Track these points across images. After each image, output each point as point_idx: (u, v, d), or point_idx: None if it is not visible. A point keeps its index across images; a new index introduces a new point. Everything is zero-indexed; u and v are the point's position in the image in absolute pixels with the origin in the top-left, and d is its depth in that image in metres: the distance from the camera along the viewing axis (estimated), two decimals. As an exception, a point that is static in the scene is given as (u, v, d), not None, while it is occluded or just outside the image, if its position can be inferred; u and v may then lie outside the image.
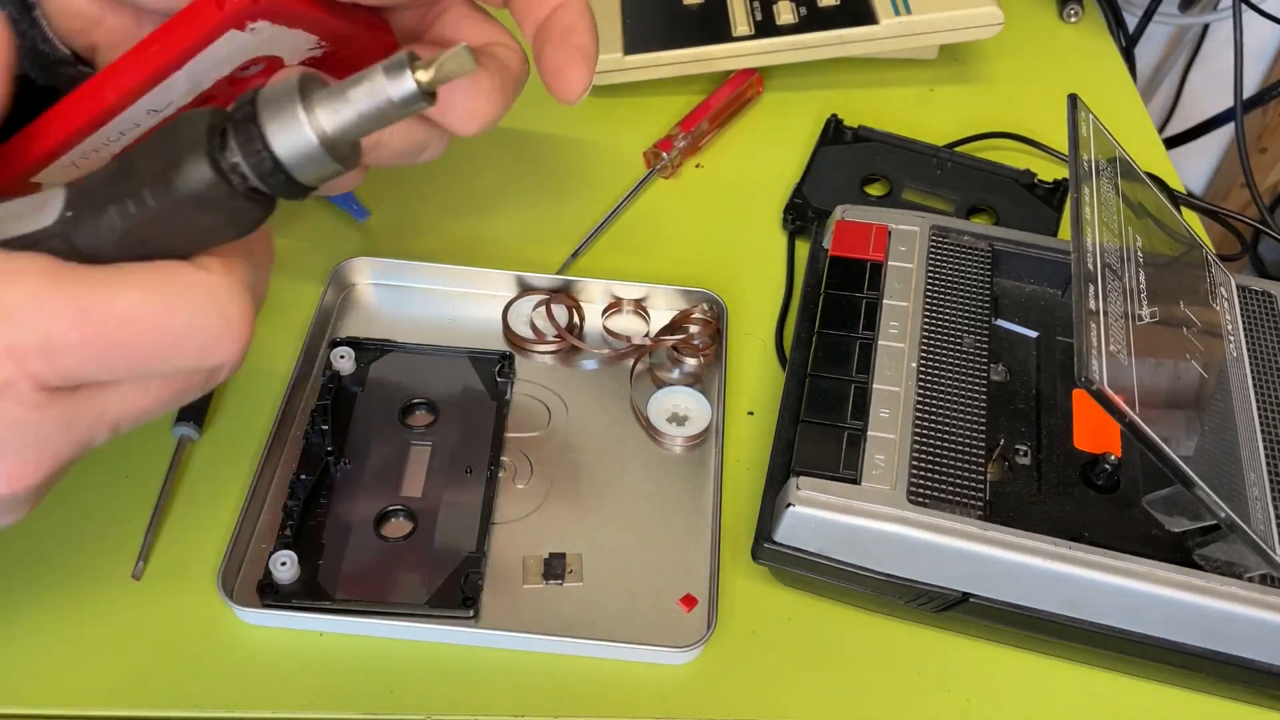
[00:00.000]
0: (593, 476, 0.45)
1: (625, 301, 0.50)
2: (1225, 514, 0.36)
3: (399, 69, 0.26)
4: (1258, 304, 0.47)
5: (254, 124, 0.25)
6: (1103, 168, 0.42)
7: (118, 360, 0.26)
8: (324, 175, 0.26)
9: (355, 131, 0.26)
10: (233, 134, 0.26)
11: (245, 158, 0.26)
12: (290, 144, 0.26)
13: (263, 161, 0.26)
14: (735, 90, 0.61)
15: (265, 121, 0.26)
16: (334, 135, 0.26)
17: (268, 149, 0.26)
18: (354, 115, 0.26)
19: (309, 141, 0.26)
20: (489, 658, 0.40)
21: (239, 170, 0.26)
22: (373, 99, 0.26)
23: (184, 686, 0.38)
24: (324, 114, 0.26)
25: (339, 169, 0.26)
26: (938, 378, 0.42)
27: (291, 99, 0.26)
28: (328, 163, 0.26)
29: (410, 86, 0.26)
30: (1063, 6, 0.71)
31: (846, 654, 0.41)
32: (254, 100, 0.26)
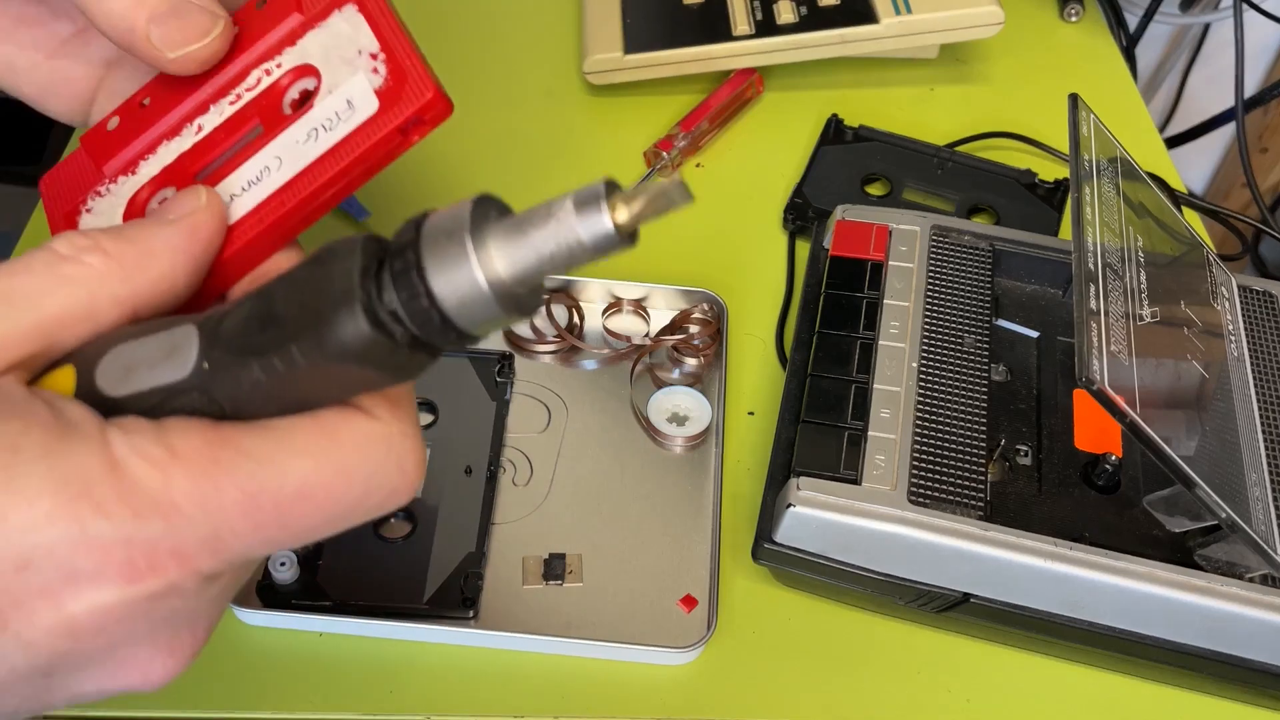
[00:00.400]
0: (592, 476, 0.45)
1: (625, 301, 0.50)
2: (1226, 514, 0.36)
3: (593, 203, 0.22)
4: (1258, 304, 0.47)
5: (417, 272, 0.22)
6: (1103, 167, 0.42)
7: (291, 537, 0.23)
8: (496, 324, 0.23)
9: (535, 277, 0.22)
10: (391, 283, 0.22)
11: (408, 312, 0.22)
12: (459, 295, 0.22)
13: (428, 318, 0.22)
14: (735, 90, 0.61)
15: (430, 267, 0.22)
16: (510, 282, 0.22)
17: (434, 302, 0.22)
18: (534, 258, 0.22)
19: (480, 292, 0.22)
20: (489, 658, 0.40)
21: (400, 320, 0.22)
22: (559, 239, 0.22)
23: (184, 686, 0.38)
24: (499, 255, 0.22)
25: (516, 318, 0.23)
26: (938, 378, 0.42)
27: (460, 238, 0.22)
28: (501, 313, 0.22)
29: (607, 227, 0.22)
30: (1063, 6, 0.71)
31: (846, 654, 0.41)
32: (417, 239, 0.22)
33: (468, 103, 0.61)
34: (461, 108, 0.64)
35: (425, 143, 0.35)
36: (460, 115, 0.63)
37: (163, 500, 0.21)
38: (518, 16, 0.66)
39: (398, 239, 0.23)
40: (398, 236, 0.23)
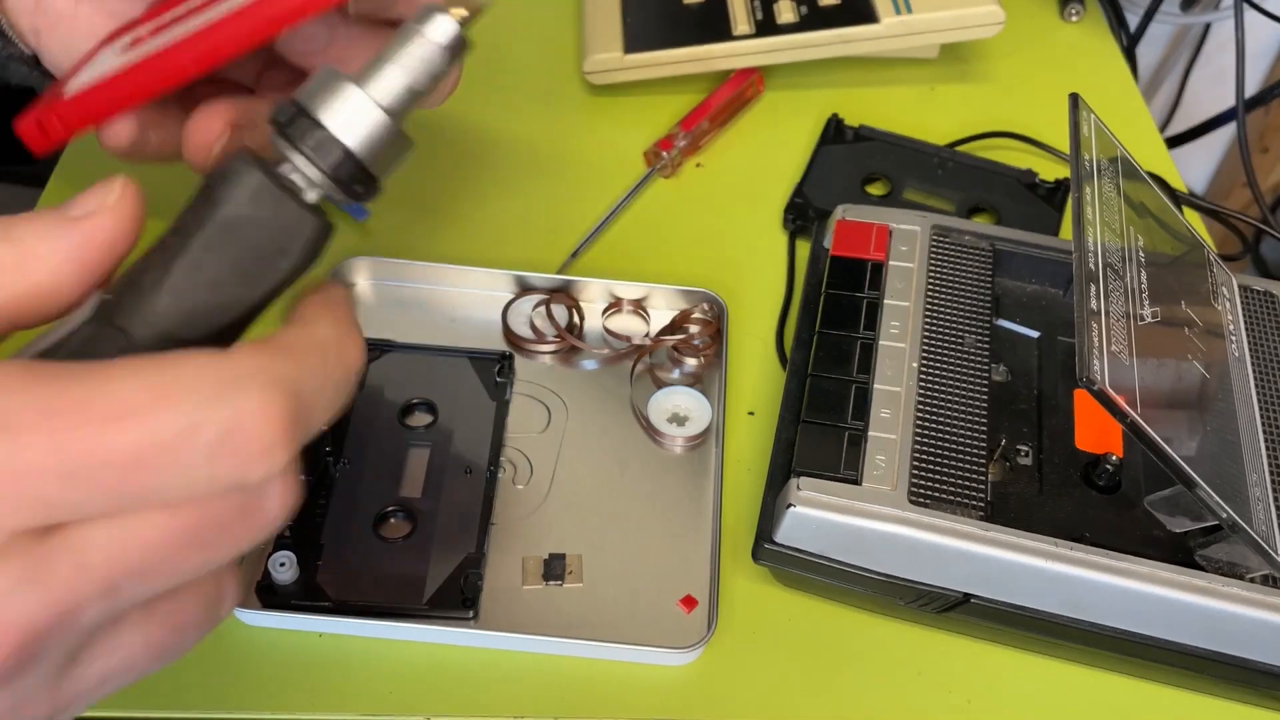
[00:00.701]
0: (593, 476, 0.45)
1: (625, 301, 0.50)
2: (1227, 514, 0.36)
3: (431, 14, 0.24)
4: (1259, 304, 0.46)
5: (306, 116, 0.23)
6: (1104, 167, 0.42)
7: (100, 480, 0.19)
8: (396, 155, 0.24)
9: (410, 95, 0.24)
10: (284, 136, 0.23)
11: (310, 150, 0.22)
12: (354, 124, 0.23)
13: (329, 151, 0.23)
14: (735, 90, 0.61)
15: (319, 110, 0.23)
16: (394, 105, 0.23)
17: (332, 137, 0.23)
18: (405, 77, 0.23)
19: (375, 116, 0.23)
20: (489, 658, 0.40)
21: (299, 171, 0.23)
22: (421, 52, 0.24)
23: (184, 686, 0.38)
24: (375, 86, 0.23)
25: (408, 145, 0.24)
26: (939, 378, 0.42)
27: (336, 79, 0.23)
28: (399, 138, 0.23)
29: (453, 27, 0.24)
30: (1064, 6, 0.71)
31: (846, 654, 0.41)
32: (294, 98, 0.23)
33: (467, 103, 0.61)
34: (461, 108, 0.64)
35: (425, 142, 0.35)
36: (460, 115, 0.64)
37: None
38: (517, 16, 0.66)
39: (277, 109, 0.24)
40: (276, 108, 0.24)
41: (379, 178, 0.24)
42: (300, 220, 0.23)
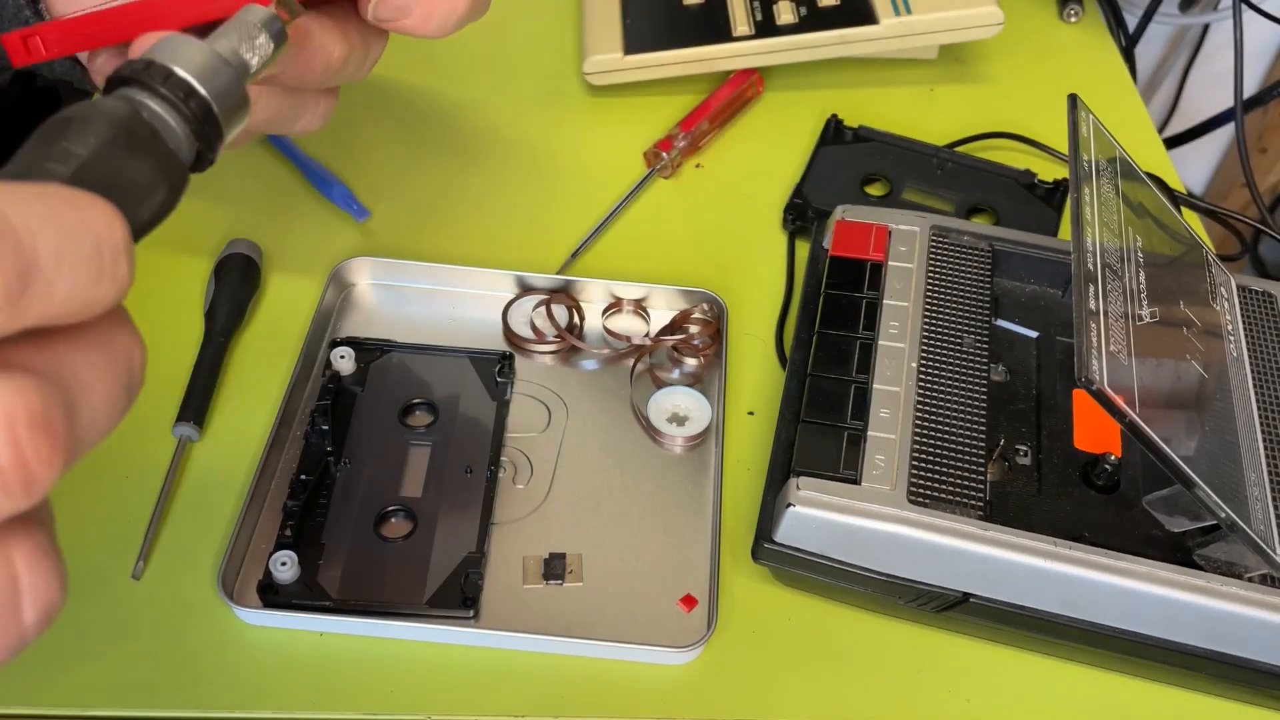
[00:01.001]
0: (593, 476, 0.45)
1: (625, 301, 0.50)
2: (1225, 514, 0.36)
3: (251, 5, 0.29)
4: (1258, 304, 0.47)
5: (155, 62, 0.25)
6: (1103, 168, 0.42)
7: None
8: (236, 105, 0.27)
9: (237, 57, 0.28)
10: (135, 83, 0.25)
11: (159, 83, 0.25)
12: (198, 64, 0.26)
13: (174, 82, 0.25)
14: (735, 90, 0.61)
15: (160, 55, 0.26)
16: (228, 56, 0.27)
17: (173, 72, 0.25)
18: (229, 41, 0.28)
19: (206, 54, 0.26)
20: (489, 658, 0.40)
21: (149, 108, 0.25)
22: (240, 26, 0.28)
23: (184, 686, 0.38)
24: (216, 43, 0.27)
25: (245, 100, 0.27)
26: (938, 378, 0.42)
27: (180, 38, 0.26)
28: (237, 88, 0.27)
29: (264, 10, 0.28)
30: (1063, 6, 0.71)
31: (847, 654, 0.41)
32: (142, 58, 0.26)
33: (468, 103, 0.61)
34: (462, 108, 0.64)
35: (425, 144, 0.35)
36: (460, 116, 0.64)
37: None
38: (517, 17, 0.66)
39: (122, 68, 0.25)
40: (122, 69, 0.25)
41: (223, 125, 0.26)
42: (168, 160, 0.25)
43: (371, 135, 0.58)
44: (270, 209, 0.54)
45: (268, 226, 0.53)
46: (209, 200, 0.54)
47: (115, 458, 0.44)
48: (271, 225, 0.53)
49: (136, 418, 0.45)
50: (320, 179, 0.54)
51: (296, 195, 0.55)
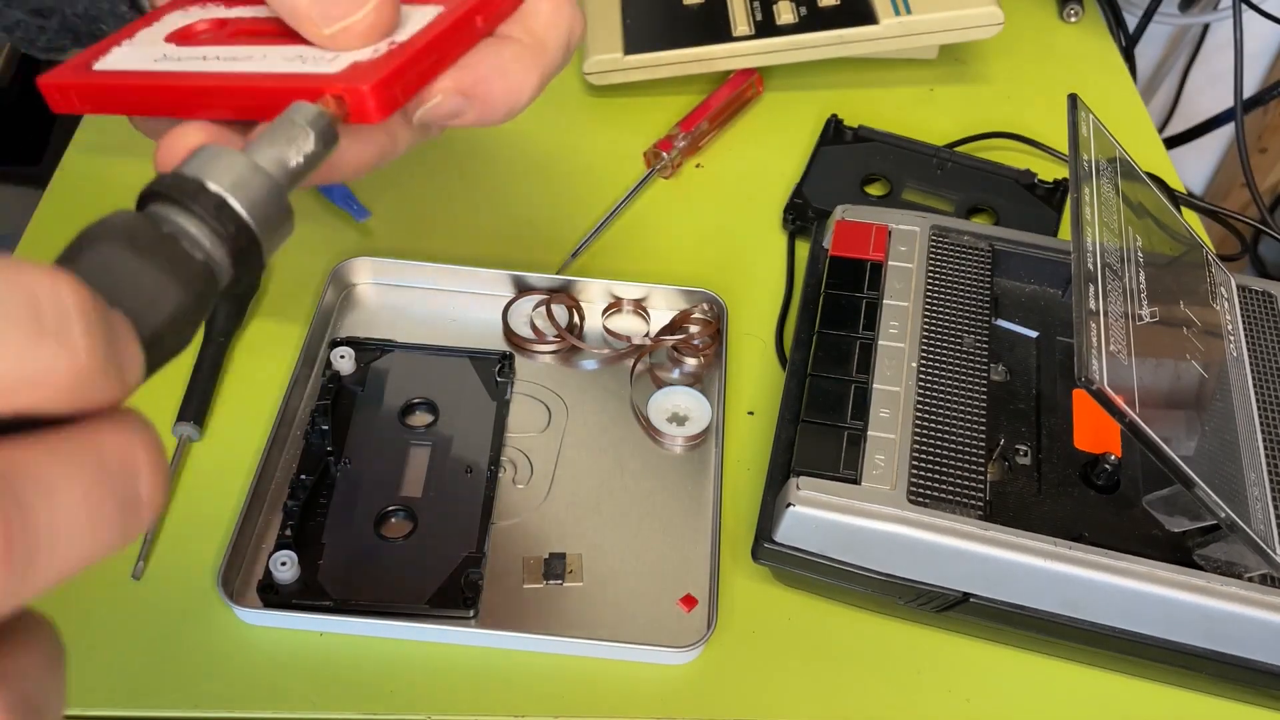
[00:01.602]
0: (592, 476, 0.45)
1: (625, 301, 0.50)
2: (1225, 514, 0.36)
3: (298, 102, 0.26)
4: (1258, 304, 0.47)
5: (186, 176, 0.23)
6: (1103, 168, 0.42)
7: None
8: (278, 220, 0.24)
9: (282, 166, 0.25)
10: (164, 198, 0.23)
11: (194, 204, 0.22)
12: (232, 176, 0.23)
13: (209, 201, 0.23)
14: (735, 90, 0.61)
15: (198, 171, 0.23)
16: (271, 169, 0.24)
17: (211, 191, 0.23)
18: (274, 148, 0.25)
19: (253, 172, 0.24)
20: (489, 658, 0.40)
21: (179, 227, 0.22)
22: (287, 129, 0.26)
23: (184, 686, 0.38)
24: (257, 154, 0.25)
25: (289, 213, 0.25)
26: (938, 378, 0.42)
27: (226, 152, 0.24)
28: (280, 200, 0.24)
29: (313, 109, 0.26)
30: (1063, 6, 0.71)
31: (847, 654, 0.41)
32: (173, 171, 0.23)
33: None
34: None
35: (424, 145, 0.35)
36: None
37: None
38: (518, 17, 0.66)
39: (153, 184, 0.23)
40: (157, 183, 0.23)
41: (262, 239, 0.24)
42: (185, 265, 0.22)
43: (371, 135, 0.58)
44: (270, 209, 0.54)
45: (268, 226, 0.52)
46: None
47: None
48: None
49: (136, 418, 0.45)
50: (320, 179, 0.54)
51: (296, 195, 0.54)
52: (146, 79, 0.30)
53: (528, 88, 0.32)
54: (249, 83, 0.29)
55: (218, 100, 0.29)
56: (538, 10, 0.33)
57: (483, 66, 0.31)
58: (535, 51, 0.32)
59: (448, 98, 0.30)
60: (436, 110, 0.30)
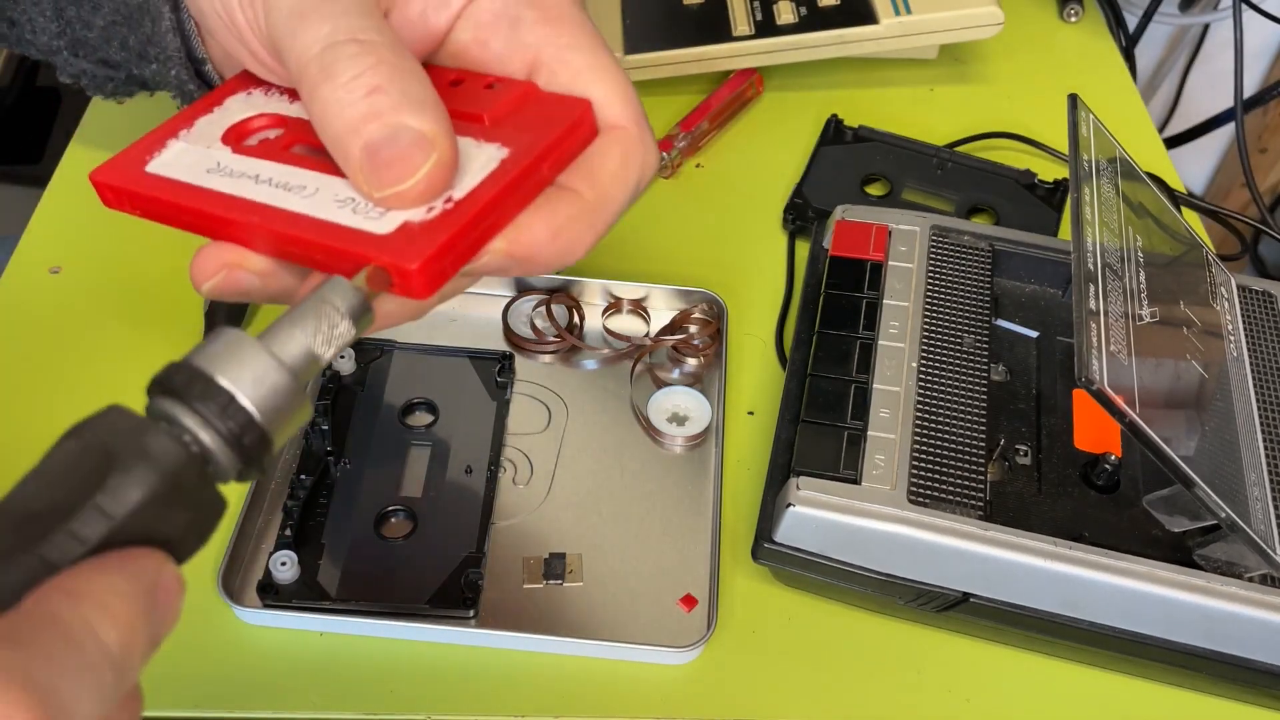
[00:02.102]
0: (593, 476, 0.45)
1: (625, 301, 0.50)
2: (1225, 514, 0.36)
3: (336, 281, 0.25)
4: (1258, 304, 0.47)
5: (214, 383, 0.22)
6: (1103, 168, 0.42)
7: None
8: (293, 418, 0.23)
9: (309, 357, 0.24)
10: (183, 404, 0.21)
11: (210, 411, 0.21)
12: (262, 386, 0.22)
13: (231, 411, 0.21)
14: (735, 90, 0.61)
15: (215, 367, 0.22)
16: (296, 365, 0.23)
17: (229, 394, 0.22)
18: (305, 338, 0.24)
19: (277, 374, 0.22)
20: (489, 658, 0.40)
21: (190, 432, 0.21)
22: (322, 315, 0.24)
23: (184, 686, 0.38)
24: (276, 345, 0.23)
25: (307, 409, 0.23)
26: (938, 378, 0.42)
27: (235, 338, 0.23)
28: (298, 399, 0.23)
29: (354, 293, 0.25)
30: (1063, 6, 0.71)
31: (846, 654, 0.41)
32: (185, 360, 0.22)
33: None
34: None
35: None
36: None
37: None
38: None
39: (166, 377, 0.22)
40: (165, 376, 0.22)
41: (274, 440, 0.23)
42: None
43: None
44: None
45: (268, 226, 0.52)
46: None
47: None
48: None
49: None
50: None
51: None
52: (195, 199, 0.29)
53: (580, 249, 0.29)
54: (293, 230, 0.27)
55: (261, 240, 0.28)
56: (607, 156, 0.30)
57: (538, 228, 0.28)
58: (596, 209, 0.29)
59: (495, 258, 0.28)
60: (482, 270, 0.28)
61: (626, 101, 0.31)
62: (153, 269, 0.51)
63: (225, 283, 0.29)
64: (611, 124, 0.31)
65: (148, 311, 0.49)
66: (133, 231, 0.52)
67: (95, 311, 0.49)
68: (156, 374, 0.22)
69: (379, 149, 0.26)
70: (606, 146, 0.30)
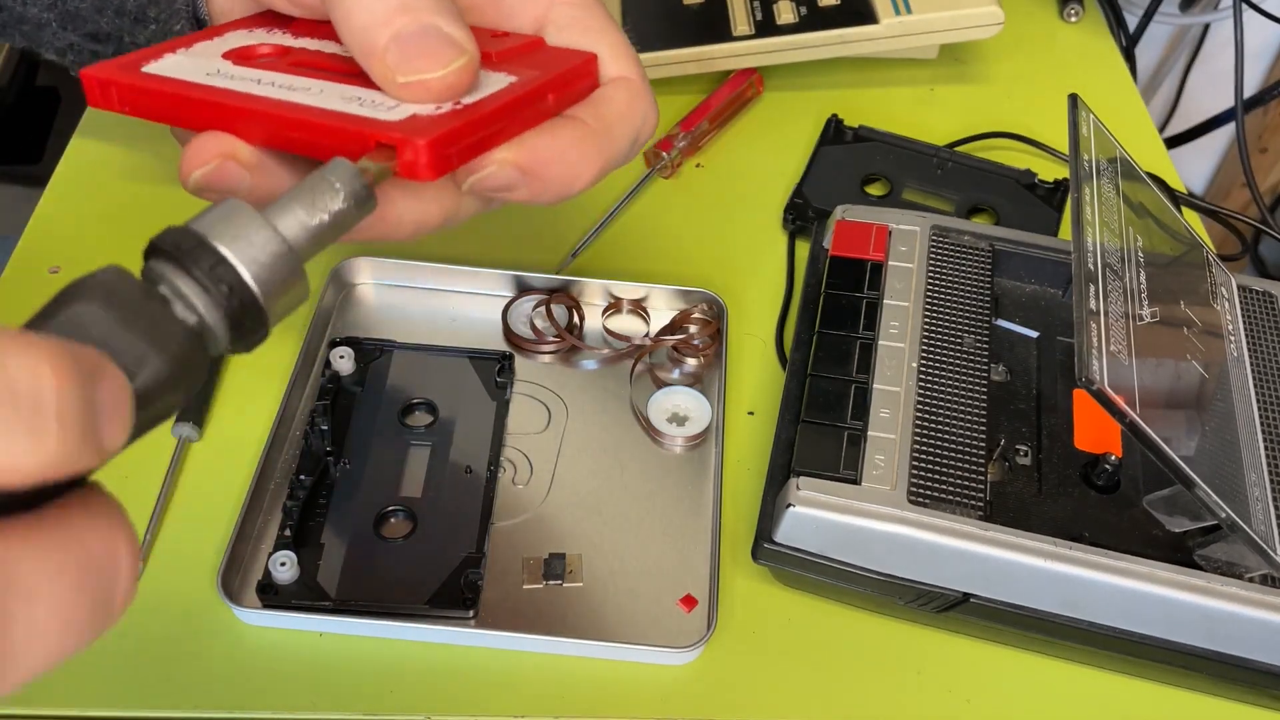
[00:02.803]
0: (592, 476, 0.45)
1: (625, 301, 0.50)
2: (1226, 514, 0.36)
3: (337, 160, 0.24)
4: (1258, 304, 0.47)
5: (205, 242, 0.21)
6: (1103, 168, 0.42)
7: None
8: (291, 294, 0.23)
9: (307, 232, 0.23)
10: (168, 258, 0.21)
11: (199, 270, 0.21)
12: (249, 247, 0.22)
13: (220, 271, 0.21)
14: (735, 90, 0.61)
15: (211, 233, 0.21)
16: (295, 238, 0.23)
17: (212, 249, 0.21)
18: (305, 214, 0.23)
19: (273, 243, 0.22)
20: (489, 658, 0.40)
21: (178, 292, 0.21)
22: (321, 192, 0.24)
23: (184, 686, 0.38)
24: (276, 218, 0.23)
25: (305, 288, 0.23)
26: (938, 378, 0.42)
27: (235, 206, 0.22)
28: (297, 274, 0.23)
29: (351, 171, 0.24)
30: (1063, 6, 0.71)
31: (846, 654, 0.41)
32: (185, 224, 0.22)
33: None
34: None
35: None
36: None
37: None
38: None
39: (160, 240, 0.21)
40: (159, 239, 0.21)
41: (270, 316, 0.22)
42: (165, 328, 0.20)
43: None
44: (270, 209, 0.54)
45: (268, 226, 0.52)
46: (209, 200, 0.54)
47: (115, 457, 0.44)
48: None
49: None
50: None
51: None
52: (193, 90, 0.28)
53: (585, 175, 0.30)
54: (298, 114, 0.27)
55: (263, 126, 0.27)
56: (613, 97, 0.32)
57: (543, 145, 0.29)
58: (600, 139, 0.30)
59: (502, 169, 0.29)
60: (488, 181, 0.29)
61: (630, 59, 0.33)
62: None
63: (215, 174, 0.28)
64: (615, 76, 0.32)
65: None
66: (133, 231, 0.52)
67: (95, 311, 0.49)
68: (153, 238, 0.22)
69: (409, 40, 0.27)
70: (612, 90, 0.32)
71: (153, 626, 0.39)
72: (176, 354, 0.20)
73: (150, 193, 0.54)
